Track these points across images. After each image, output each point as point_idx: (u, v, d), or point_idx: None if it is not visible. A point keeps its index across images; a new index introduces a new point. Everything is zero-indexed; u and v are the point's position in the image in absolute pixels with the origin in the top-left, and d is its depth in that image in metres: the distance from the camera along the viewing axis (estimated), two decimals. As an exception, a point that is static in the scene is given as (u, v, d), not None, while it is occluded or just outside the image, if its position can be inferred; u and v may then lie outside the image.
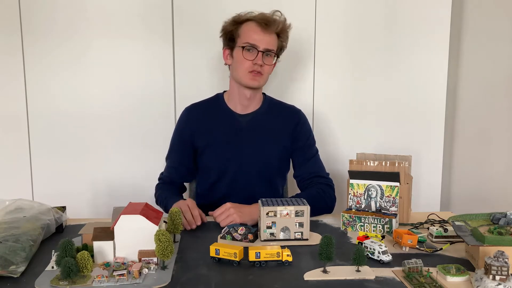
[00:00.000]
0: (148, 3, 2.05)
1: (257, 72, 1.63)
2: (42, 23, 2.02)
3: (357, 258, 1.10)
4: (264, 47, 1.61)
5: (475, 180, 2.17)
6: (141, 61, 2.08)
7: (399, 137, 2.21)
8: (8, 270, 1.09)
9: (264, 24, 1.61)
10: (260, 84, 1.67)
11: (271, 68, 1.69)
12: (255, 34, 1.61)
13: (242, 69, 1.64)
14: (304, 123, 1.79)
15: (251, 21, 1.63)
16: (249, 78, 1.64)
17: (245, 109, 1.74)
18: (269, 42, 1.62)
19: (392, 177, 1.46)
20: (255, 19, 1.62)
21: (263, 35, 1.61)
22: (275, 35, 1.65)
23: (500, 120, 1.99)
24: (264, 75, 1.66)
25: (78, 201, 2.09)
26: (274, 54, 1.66)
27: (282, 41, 1.69)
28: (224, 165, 1.72)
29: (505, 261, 1.00)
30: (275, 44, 1.65)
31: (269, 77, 1.71)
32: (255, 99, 1.74)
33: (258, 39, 1.61)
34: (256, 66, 1.62)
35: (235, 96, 1.73)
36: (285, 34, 1.69)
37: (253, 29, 1.62)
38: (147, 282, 1.05)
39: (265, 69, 1.64)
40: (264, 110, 1.76)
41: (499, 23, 2.00)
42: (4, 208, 1.38)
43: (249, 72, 1.63)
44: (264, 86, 1.75)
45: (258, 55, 1.61)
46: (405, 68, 2.17)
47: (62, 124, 2.09)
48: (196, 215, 1.47)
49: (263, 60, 1.62)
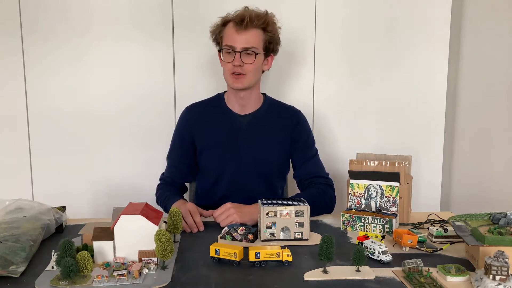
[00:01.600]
0: (148, 3, 2.05)
1: (238, 73, 1.61)
2: (42, 23, 2.02)
3: (357, 258, 1.10)
4: (241, 47, 1.59)
5: (475, 180, 2.17)
6: (141, 61, 2.08)
7: (399, 137, 2.21)
8: (8, 270, 1.09)
9: (238, 23, 1.58)
10: (244, 85, 1.64)
11: (257, 65, 1.64)
12: (231, 35, 1.60)
13: (226, 72, 1.64)
14: (304, 123, 1.78)
15: (231, 22, 1.62)
16: (232, 81, 1.63)
17: (244, 109, 1.73)
18: (246, 40, 1.59)
19: (392, 177, 1.46)
20: (233, 19, 1.61)
21: (238, 35, 1.59)
22: (255, 30, 1.60)
23: (500, 120, 1.99)
24: (248, 74, 1.62)
25: (78, 201, 2.09)
26: (254, 52, 1.61)
27: (270, 34, 1.64)
28: (223, 165, 1.72)
29: (505, 261, 1.00)
30: (255, 41, 1.61)
31: (269, 77, 1.71)
32: (251, 99, 1.73)
33: (234, 40, 1.59)
34: (236, 68, 1.60)
35: (231, 97, 1.73)
36: (270, 26, 1.64)
37: (230, 30, 1.61)
38: (147, 282, 1.06)
39: (247, 69, 1.61)
40: (264, 111, 1.75)
41: (499, 23, 2.00)
42: (4, 208, 1.38)
43: (231, 74, 1.62)
44: (264, 85, 1.75)
45: (236, 56, 1.59)
46: (405, 68, 2.17)
47: (62, 124, 2.09)
48: (198, 221, 1.47)
49: (243, 59, 1.60)
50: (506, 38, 1.96)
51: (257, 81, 1.69)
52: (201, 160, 1.75)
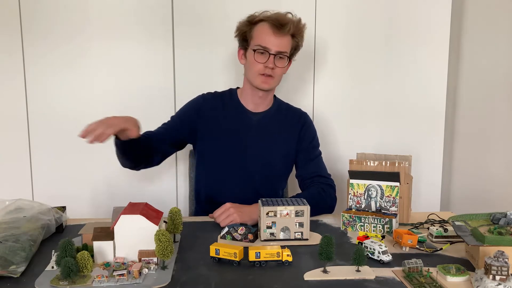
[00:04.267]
0: (148, 3, 2.05)
1: (268, 75, 1.63)
2: (42, 23, 2.02)
3: (357, 258, 1.10)
4: (276, 50, 1.61)
5: (475, 180, 2.17)
6: (141, 61, 2.08)
7: (399, 137, 2.21)
8: (8, 270, 1.09)
9: (277, 27, 1.59)
10: (271, 87, 1.68)
11: (284, 70, 1.69)
12: (267, 37, 1.60)
13: (254, 71, 1.64)
14: (310, 126, 1.81)
15: (264, 22, 1.62)
16: (261, 81, 1.64)
17: (257, 107, 1.75)
18: (281, 44, 1.61)
19: (392, 177, 1.46)
20: (269, 21, 1.61)
21: (275, 38, 1.60)
22: (288, 37, 1.63)
23: (500, 120, 1.99)
24: (276, 77, 1.66)
25: (78, 201, 2.09)
26: (286, 56, 1.65)
27: (297, 41, 1.68)
28: (227, 157, 1.71)
29: (505, 261, 1.00)
30: (288, 46, 1.64)
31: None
32: (267, 99, 1.75)
33: (270, 42, 1.60)
34: (267, 69, 1.62)
35: (248, 94, 1.73)
36: (299, 34, 1.67)
37: (265, 31, 1.61)
38: (147, 282, 1.05)
39: (276, 72, 1.64)
40: (273, 111, 1.77)
41: (499, 23, 2.00)
42: (4, 208, 1.38)
43: (260, 74, 1.63)
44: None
45: (270, 58, 1.60)
46: (405, 68, 2.17)
47: (62, 124, 2.09)
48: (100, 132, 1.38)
49: (275, 62, 1.62)
50: (506, 38, 1.96)
51: (279, 84, 1.72)
52: (203, 148, 1.74)
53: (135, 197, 1.70)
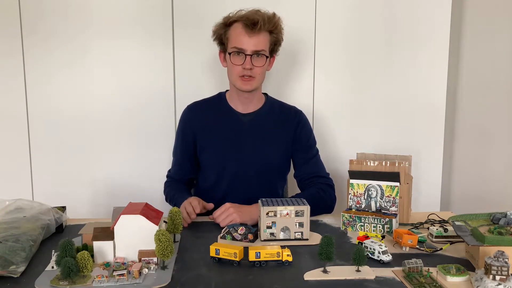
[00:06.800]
0: (148, 4, 2.04)
1: (248, 76, 1.61)
2: (42, 24, 2.02)
3: (357, 258, 1.10)
4: (252, 50, 1.58)
5: (475, 180, 2.17)
6: (141, 62, 2.08)
7: (399, 137, 2.21)
8: (8, 270, 1.09)
9: (249, 26, 1.56)
10: (253, 87, 1.65)
11: (265, 67, 1.66)
12: (241, 38, 1.58)
13: (234, 74, 1.63)
14: (305, 124, 1.79)
15: (237, 23, 1.60)
16: (241, 83, 1.63)
17: (246, 108, 1.74)
18: (257, 43, 1.58)
19: (392, 177, 1.46)
20: (241, 21, 1.58)
21: (249, 38, 1.57)
22: (264, 34, 1.60)
23: (500, 120, 1.99)
24: (257, 77, 1.63)
25: (78, 201, 2.09)
26: (264, 55, 1.62)
27: (276, 36, 1.64)
28: (225, 163, 1.72)
29: (505, 261, 1.00)
30: (265, 44, 1.61)
31: (269, 77, 1.71)
32: (255, 98, 1.74)
33: (244, 43, 1.58)
34: (246, 71, 1.60)
35: (234, 96, 1.73)
36: (276, 29, 1.63)
37: (239, 32, 1.59)
38: (147, 282, 1.06)
39: (256, 71, 1.61)
40: (265, 110, 1.76)
41: (499, 23, 2.00)
42: (4, 208, 1.38)
43: (240, 77, 1.62)
44: (264, 86, 1.75)
45: (247, 59, 1.58)
46: (405, 68, 2.16)
47: (62, 125, 2.09)
48: (190, 211, 1.50)
49: (253, 62, 1.59)
50: (506, 38, 1.96)
51: (262, 82, 1.70)
52: (203, 158, 1.75)
53: (135, 197, 1.70)
